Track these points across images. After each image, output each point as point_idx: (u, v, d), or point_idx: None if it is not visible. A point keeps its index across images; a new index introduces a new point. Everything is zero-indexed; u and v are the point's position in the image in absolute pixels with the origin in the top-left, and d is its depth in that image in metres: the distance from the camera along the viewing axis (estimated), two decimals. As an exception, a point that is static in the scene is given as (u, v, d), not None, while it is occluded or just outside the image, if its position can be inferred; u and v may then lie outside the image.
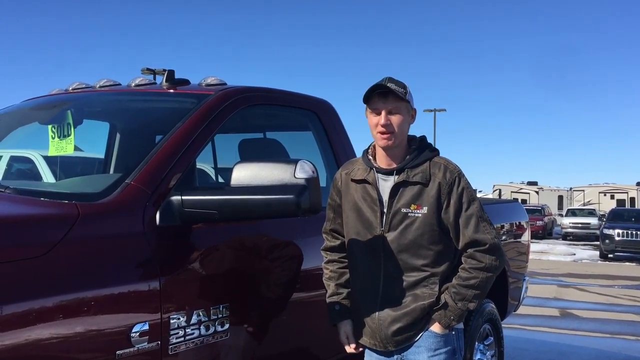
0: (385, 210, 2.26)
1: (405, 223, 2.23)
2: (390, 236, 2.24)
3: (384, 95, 2.21)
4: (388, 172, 2.28)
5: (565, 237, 31.48)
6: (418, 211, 2.23)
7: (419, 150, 2.30)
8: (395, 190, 2.25)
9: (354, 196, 2.33)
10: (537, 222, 30.38)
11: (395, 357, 2.33)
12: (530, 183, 46.44)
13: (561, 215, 37.95)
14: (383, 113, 2.21)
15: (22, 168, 6.22)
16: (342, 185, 2.38)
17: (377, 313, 2.28)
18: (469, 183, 2.31)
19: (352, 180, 2.34)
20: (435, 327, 2.28)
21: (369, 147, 2.38)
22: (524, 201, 40.39)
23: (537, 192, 44.58)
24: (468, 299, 2.24)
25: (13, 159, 6.16)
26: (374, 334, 2.31)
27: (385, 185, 2.28)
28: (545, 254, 21.41)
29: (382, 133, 2.21)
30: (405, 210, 2.24)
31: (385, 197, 2.26)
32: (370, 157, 2.34)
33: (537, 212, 32.37)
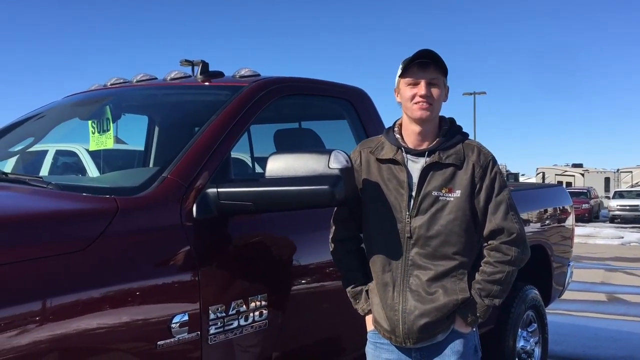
0: (413, 193, 2.13)
1: (435, 207, 2.11)
2: (418, 221, 2.11)
3: (424, 65, 2.10)
4: (418, 154, 2.16)
5: (612, 219, 30.70)
6: (450, 195, 2.11)
7: (451, 132, 2.20)
8: (426, 172, 2.13)
9: (377, 177, 2.19)
10: (583, 205, 29.71)
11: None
12: (575, 165, 45.36)
13: (608, 197, 36.97)
14: (423, 83, 2.10)
15: (67, 161, 6.41)
16: (362, 164, 2.23)
17: (400, 305, 2.13)
18: (501, 170, 2.22)
19: (378, 159, 2.20)
20: (461, 326, 2.16)
21: (394, 125, 2.27)
22: (568, 184, 39.51)
23: (582, 175, 43.50)
24: (494, 295, 2.14)
25: (58, 153, 6.34)
26: (394, 328, 2.15)
27: (415, 167, 2.15)
28: (592, 237, 20.88)
29: (421, 103, 2.09)
30: (436, 194, 2.11)
31: (415, 179, 2.14)
32: (398, 136, 2.21)
33: (583, 195, 31.66)
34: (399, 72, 2.16)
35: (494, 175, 2.16)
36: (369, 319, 2.28)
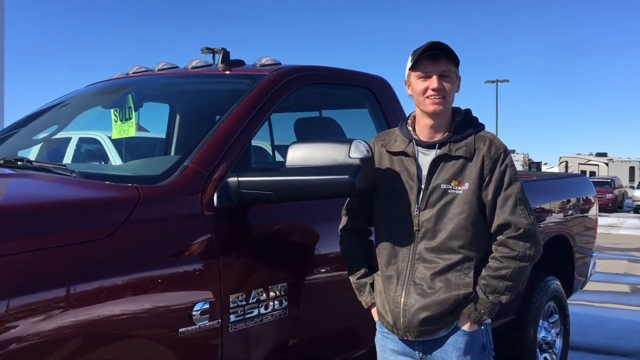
0: (422, 186, 2.11)
1: (444, 200, 2.08)
2: (426, 214, 2.09)
3: (435, 57, 2.07)
4: (429, 146, 2.13)
5: (636, 210, 30.30)
6: (459, 188, 2.07)
7: (464, 124, 2.16)
8: (435, 165, 2.10)
9: (388, 170, 2.18)
10: (607, 195, 29.36)
11: (417, 354, 2.16)
12: (599, 154, 44.79)
13: (632, 187, 36.41)
14: (435, 77, 2.07)
15: (90, 149, 6.49)
16: (375, 156, 2.21)
17: (402, 298, 2.11)
18: (513, 162, 2.18)
19: (388, 151, 2.19)
20: (465, 324, 2.11)
21: (408, 118, 2.25)
22: (592, 173, 39.04)
23: (606, 164, 42.91)
24: (499, 292, 2.07)
25: (81, 140, 6.42)
26: (395, 320, 2.13)
27: (425, 159, 2.13)
28: (615, 228, 20.63)
29: (434, 97, 2.07)
30: (445, 187, 2.08)
31: (425, 172, 2.11)
32: (410, 129, 2.19)
33: (607, 184, 31.32)
34: (409, 64, 2.13)
35: (504, 168, 2.11)
36: (374, 311, 2.28)
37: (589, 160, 44.04)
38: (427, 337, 2.13)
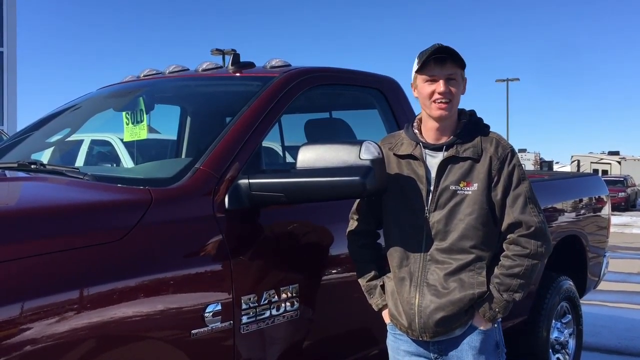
0: (432, 188, 2.12)
1: (453, 201, 2.10)
2: (436, 216, 2.11)
3: (442, 60, 2.08)
4: (436, 148, 2.15)
5: (650, 208, 29.99)
6: (468, 188, 2.09)
7: (469, 125, 2.18)
8: (443, 167, 2.12)
9: (397, 173, 2.20)
10: (620, 193, 29.22)
11: (432, 354, 2.18)
12: (611, 153, 44.50)
13: (646, 185, 36.12)
14: (441, 80, 2.08)
15: (102, 151, 6.53)
16: None
17: (417, 300, 2.12)
18: (520, 162, 2.19)
19: (396, 155, 2.22)
20: (480, 322, 2.13)
21: (413, 120, 2.26)
22: (605, 172, 38.79)
23: (619, 162, 42.63)
24: (513, 289, 2.09)
25: (93, 142, 6.47)
26: (410, 322, 2.15)
27: (433, 161, 2.15)
28: (629, 227, 20.45)
29: (440, 102, 2.09)
30: (454, 188, 2.10)
31: (433, 174, 2.13)
32: (416, 131, 2.21)
33: (620, 183, 31.15)
34: (416, 67, 2.14)
35: (512, 167, 2.13)
36: (385, 313, 2.29)
37: (601, 159, 43.79)
38: (442, 337, 2.14)
